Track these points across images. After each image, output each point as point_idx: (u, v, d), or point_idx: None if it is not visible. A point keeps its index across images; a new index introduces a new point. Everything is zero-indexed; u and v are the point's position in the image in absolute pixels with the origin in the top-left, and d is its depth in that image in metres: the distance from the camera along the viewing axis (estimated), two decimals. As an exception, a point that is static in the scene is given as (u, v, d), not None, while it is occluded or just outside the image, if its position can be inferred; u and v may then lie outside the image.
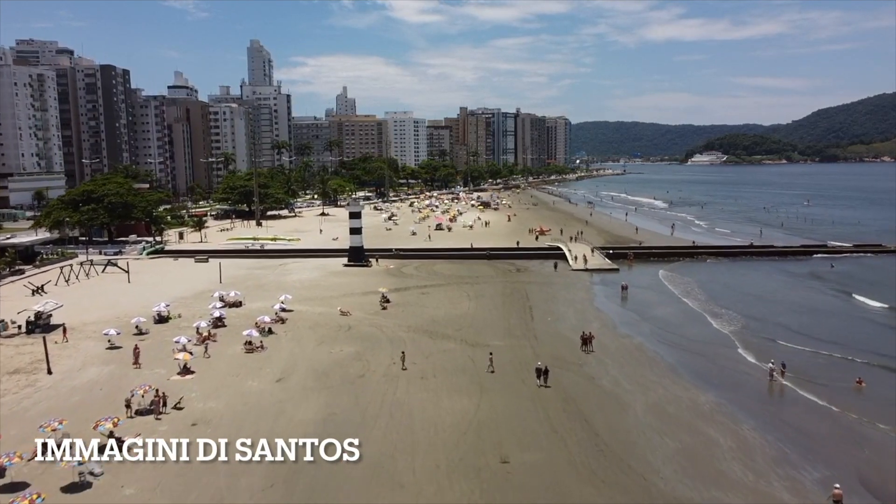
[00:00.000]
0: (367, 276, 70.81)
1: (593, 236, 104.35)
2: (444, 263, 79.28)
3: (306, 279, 68.75)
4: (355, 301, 57.74)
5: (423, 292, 62.08)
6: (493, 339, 45.75)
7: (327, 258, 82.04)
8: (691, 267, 79.42)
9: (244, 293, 59.78)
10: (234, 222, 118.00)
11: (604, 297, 61.47)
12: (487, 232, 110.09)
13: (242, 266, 76.73)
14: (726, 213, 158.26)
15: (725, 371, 40.54)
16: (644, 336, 47.71)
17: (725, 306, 57.24)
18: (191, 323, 48.89)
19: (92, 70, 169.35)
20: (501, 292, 62.41)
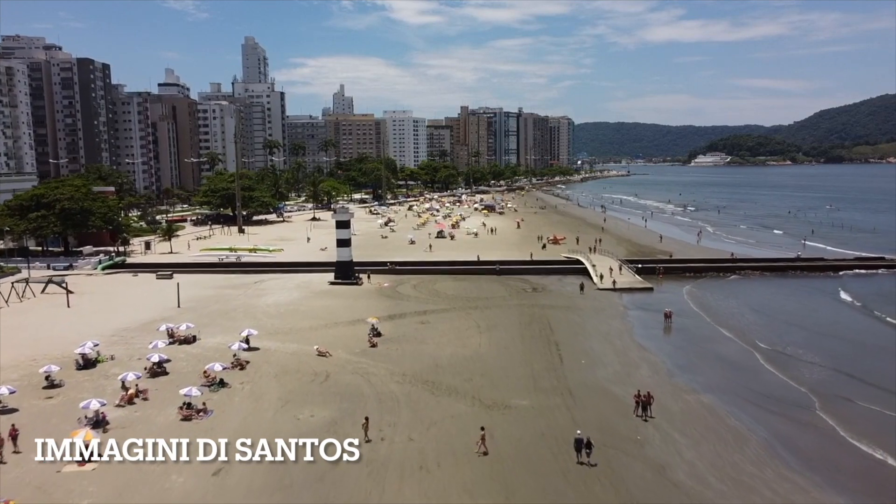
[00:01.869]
0: (356, 298, 59.59)
1: (612, 245, 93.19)
2: (447, 280, 68.13)
3: (283, 302, 57.48)
4: (339, 334, 46.59)
5: (423, 321, 50.86)
6: (514, 396, 34.63)
7: (312, 273, 70.93)
8: (735, 285, 68.29)
9: (204, 322, 48.72)
10: (213, 229, 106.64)
11: (644, 328, 50.24)
12: (494, 240, 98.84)
13: (211, 284, 65.53)
14: (748, 218, 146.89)
15: (847, 456, 29.37)
16: (712, 390, 36.48)
17: (795, 343, 46.17)
18: (126, 366, 37.90)
19: (68, 64, 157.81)
20: (518, 321, 51.22)
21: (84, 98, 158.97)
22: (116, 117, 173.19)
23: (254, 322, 49.54)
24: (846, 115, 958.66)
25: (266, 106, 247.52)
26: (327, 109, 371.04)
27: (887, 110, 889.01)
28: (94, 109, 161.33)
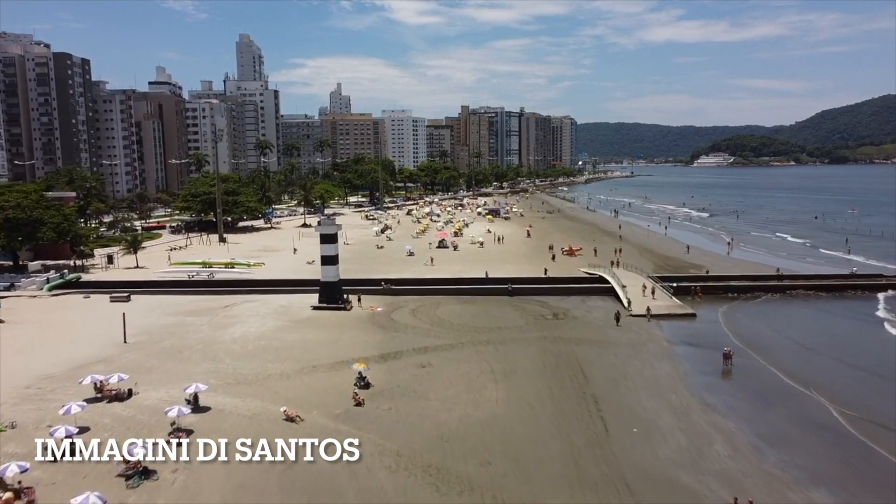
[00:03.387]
0: (343, 329, 49.62)
1: (635, 257, 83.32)
2: (451, 303, 58.22)
3: (253, 335, 47.43)
4: (316, 385, 36.67)
5: (424, 363, 40.88)
6: (551, 494, 24.78)
7: (295, 293, 60.99)
8: (787, 309, 58.34)
9: (149, 365, 38.94)
10: (191, 238, 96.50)
11: (700, 373, 40.27)
12: (503, 252, 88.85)
13: (173, 308, 55.54)
14: (770, 223, 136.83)
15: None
16: (822, 482, 26.54)
17: (882, 405, 36.18)
18: (28, 439, 28.07)
19: (44, 59, 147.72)
20: (542, 362, 41.30)
21: (61, 95, 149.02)
22: (97, 116, 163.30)
23: (212, 365, 39.74)
24: (848, 116, 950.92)
25: (259, 105, 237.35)
26: (324, 109, 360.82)
27: (890, 110, 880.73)
28: (73, 107, 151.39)
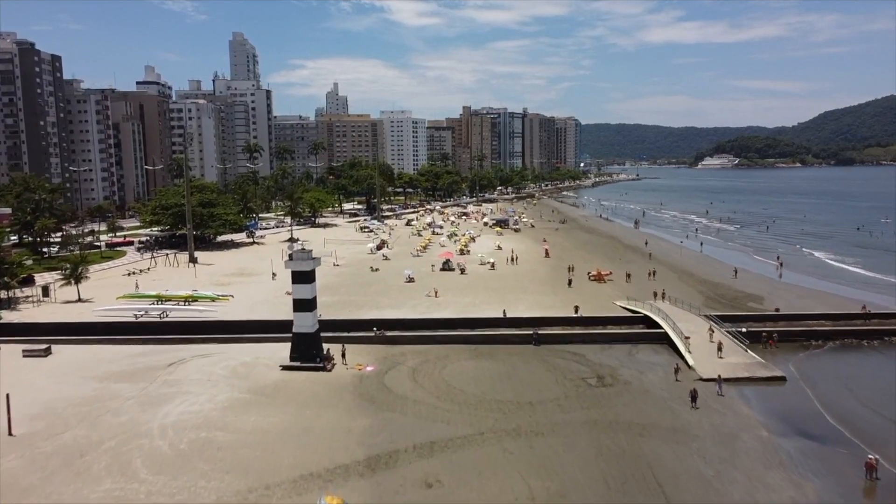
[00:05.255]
0: (319, 406, 36.59)
1: (673, 282, 70.74)
2: (462, 357, 45.33)
3: (193, 420, 34.28)
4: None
5: (428, 478, 27.94)
6: None
7: (263, 341, 48.17)
8: (886, 362, 45.63)
9: (23, 485, 26.10)
10: (155, 258, 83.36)
11: (836, 494, 27.39)
12: (518, 275, 75.87)
13: (101, 367, 42.59)
14: (807, 237, 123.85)
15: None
16: None
17: None
18: None
19: (8, 54, 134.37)
20: (599, 473, 28.41)
21: (28, 94, 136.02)
22: (71, 117, 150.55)
23: (119, 484, 27.01)
24: (851, 116, 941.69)
25: (250, 105, 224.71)
26: (320, 110, 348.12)
27: (893, 111, 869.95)
28: (41, 108, 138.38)
